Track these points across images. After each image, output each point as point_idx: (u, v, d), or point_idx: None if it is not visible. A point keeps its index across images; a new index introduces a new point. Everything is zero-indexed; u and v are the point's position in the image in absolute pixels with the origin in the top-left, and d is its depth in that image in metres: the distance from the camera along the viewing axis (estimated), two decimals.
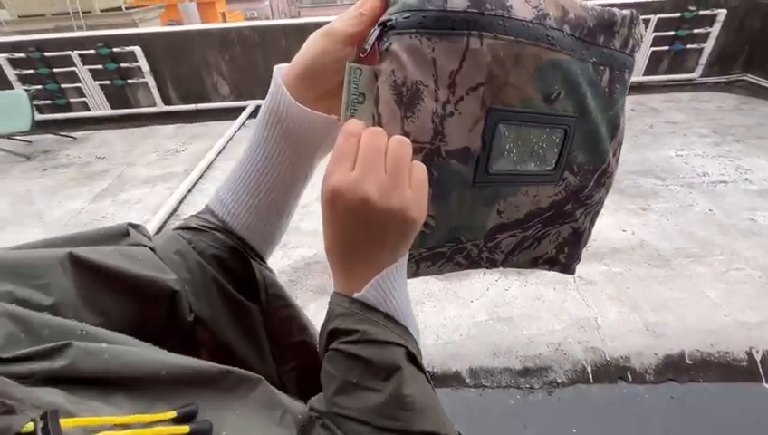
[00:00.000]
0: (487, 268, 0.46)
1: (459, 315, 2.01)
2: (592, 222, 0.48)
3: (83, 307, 0.27)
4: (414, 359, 0.31)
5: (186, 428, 0.22)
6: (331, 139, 0.37)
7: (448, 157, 0.33)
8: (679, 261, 2.26)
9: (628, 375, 1.77)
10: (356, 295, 0.31)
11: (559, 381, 1.78)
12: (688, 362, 1.79)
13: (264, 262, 0.43)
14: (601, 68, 0.36)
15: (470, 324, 1.96)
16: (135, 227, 0.35)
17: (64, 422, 0.18)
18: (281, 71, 0.36)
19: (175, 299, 0.32)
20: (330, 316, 0.32)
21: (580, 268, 2.05)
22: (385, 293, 0.31)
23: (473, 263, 0.44)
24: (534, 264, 0.48)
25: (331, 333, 0.31)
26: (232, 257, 0.38)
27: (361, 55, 0.32)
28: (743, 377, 1.74)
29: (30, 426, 0.17)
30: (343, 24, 0.34)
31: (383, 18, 0.31)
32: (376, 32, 0.31)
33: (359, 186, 0.29)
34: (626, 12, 0.38)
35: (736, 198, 2.78)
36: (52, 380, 0.21)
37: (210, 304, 0.35)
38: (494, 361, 1.82)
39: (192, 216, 0.41)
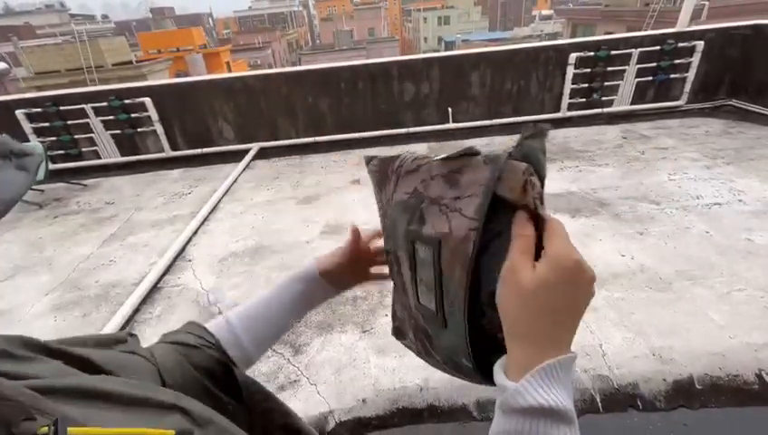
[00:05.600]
0: None
1: None
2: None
3: None
4: None
5: None
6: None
7: None
8: (680, 284, 2.28)
9: (639, 403, 1.74)
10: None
11: None
12: (698, 386, 1.76)
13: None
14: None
15: None
16: (132, 335, 0.45)
17: (72, 429, 0.23)
18: (318, 261, 0.60)
19: None
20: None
21: None
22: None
23: None
24: None
25: None
26: (219, 369, 0.48)
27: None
28: (755, 401, 1.71)
29: (44, 429, 0.22)
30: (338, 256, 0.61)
31: None
32: None
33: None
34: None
35: (732, 219, 2.82)
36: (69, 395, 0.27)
37: None
38: None
39: (189, 333, 0.51)
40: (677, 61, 4.83)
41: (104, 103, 4.68)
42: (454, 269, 0.39)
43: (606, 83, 4.97)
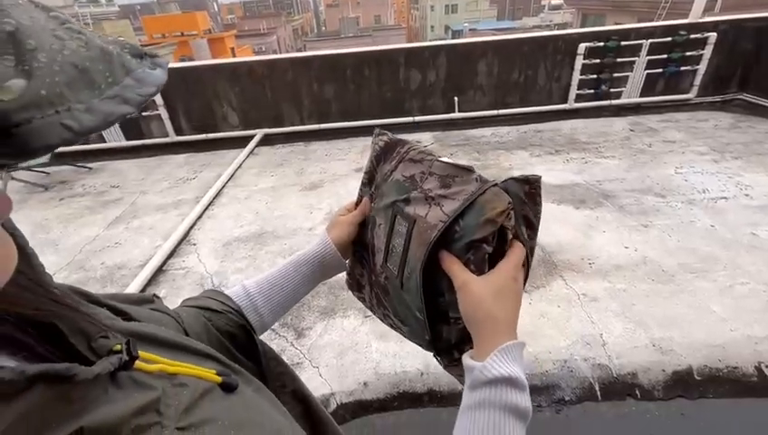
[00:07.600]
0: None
1: None
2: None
3: None
4: None
5: (219, 377, 0.31)
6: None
7: None
8: (683, 276, 2.28)
9: (637, 392, 1.76)
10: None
11: (567, 399, 1.77)
12: (697, 377, 1.78)
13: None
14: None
15: None
16: (157, 297, 0.48)
17: (142, 353, 0.27)
18: (331, 232, 0.61)
19: None
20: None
21: (584, 285, 2.09)
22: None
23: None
24: None
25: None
26: (240, 333, 0.52)
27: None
28: (753, 392, 1.72)
29: (118, 347, 0.26)
30: (353, 217, 0.61)
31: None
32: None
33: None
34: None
35: (737, 214, 2.80)
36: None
37: None
38: None
39: (211, 298, 0.54)
40: (689, 53, 4.75)
41: None
42: (417, 246, 0.49)
43: (615, 75, 4.90)
